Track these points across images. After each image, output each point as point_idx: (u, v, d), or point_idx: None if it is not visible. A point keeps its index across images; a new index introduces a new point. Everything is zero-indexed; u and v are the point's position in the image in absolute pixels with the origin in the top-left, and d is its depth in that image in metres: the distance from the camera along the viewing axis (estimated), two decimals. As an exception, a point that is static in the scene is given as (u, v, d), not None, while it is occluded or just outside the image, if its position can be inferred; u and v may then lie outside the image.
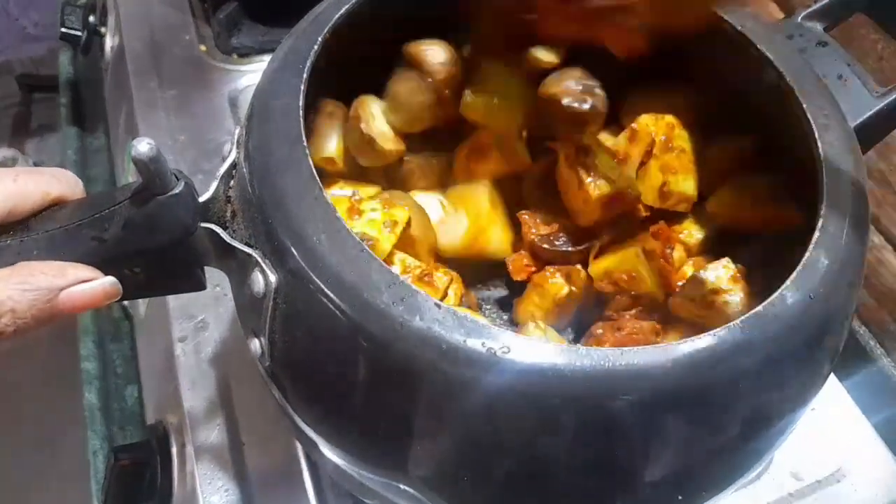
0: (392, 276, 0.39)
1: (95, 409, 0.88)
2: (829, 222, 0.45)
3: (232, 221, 0.47)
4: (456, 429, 0.40)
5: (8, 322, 0.39)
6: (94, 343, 0.94)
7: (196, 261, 0.47)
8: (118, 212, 0.43)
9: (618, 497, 0.43)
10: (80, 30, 1.16)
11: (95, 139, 1.23)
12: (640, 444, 0.40)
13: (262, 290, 0.43)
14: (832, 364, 0.47)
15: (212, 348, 0.74)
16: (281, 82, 0.48)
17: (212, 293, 0.77)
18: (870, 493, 0.70)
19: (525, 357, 0.37)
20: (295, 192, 0.42)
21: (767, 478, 0.70)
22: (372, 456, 0.46)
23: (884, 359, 0.81)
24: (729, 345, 0.39)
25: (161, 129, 0.93)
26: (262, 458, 0.67)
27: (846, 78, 0.55)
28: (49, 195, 0.44)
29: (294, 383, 0.47)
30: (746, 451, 0.46)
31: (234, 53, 1.06)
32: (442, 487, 0.44)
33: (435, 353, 0.38)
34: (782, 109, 0.52)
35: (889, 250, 0.80)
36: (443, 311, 0.38)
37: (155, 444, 0.71)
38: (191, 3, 1.13)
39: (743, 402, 0.41)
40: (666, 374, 0.38)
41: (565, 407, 0.38)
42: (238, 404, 0.70)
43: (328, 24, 0.51)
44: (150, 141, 0.39)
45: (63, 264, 0.42)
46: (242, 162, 0.46)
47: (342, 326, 0.39)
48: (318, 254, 0.40)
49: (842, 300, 0.44)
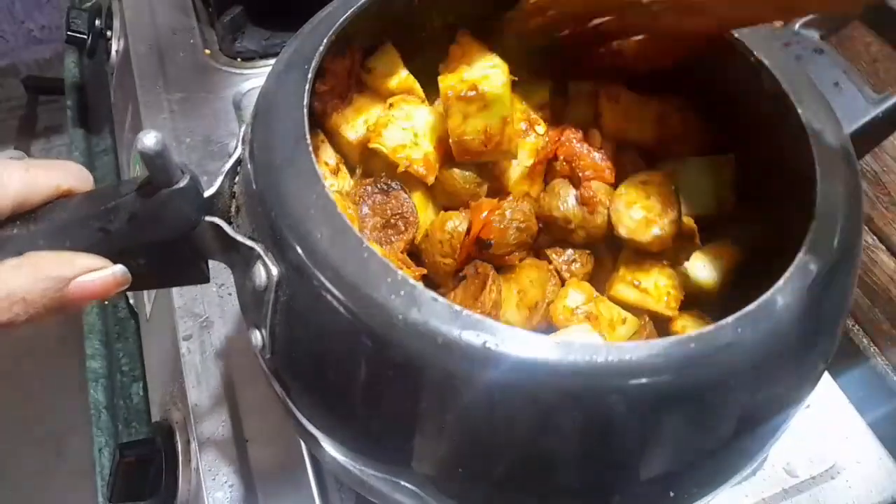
0: (391, 270, 0.40)
1: (101, 406, 0.89)
2: (823, 224, 0.45)
3: (236, 216, 0.48)
4: (453, 423, 0.41)
5: (20, 311, 0.39)
6: (100, 341, 0.95)
7: (200, 254, 0.48)
8: (124, 204, 0.44)
9: (610, 491, 0.43)
10: (86, 33, 1.17)
11: (101, 141, 1.24)
12: (632, 439, 0.41)
13: (264, 282, 0.44)
14: (826, 363, 0.47)
15: (216, 346, 0.75)
16: (286, 82, 0.49)
17: (216, 292, 0.78)
18: (863, 489, 0.71)
19: (519, 351, 0.38)
20: (297, 187, 0.43)
21: (762, 474, 0.71)
22: (371, 450, 0.46)
23: (877, 357, 0.81)
24: (722, 343, 0.39)
25: (166, 131, 0.94)
26: (265, 454, 0.68)
27: (842, 84, 0.56)
28: (60, 187, 0.45)
29: (294, 376, 0.47)
30: (739, 449, 0.46)
31: (238, 57, 1.07)
32: (441, 482, 0.45)
33: (431, 346, 0.38)
34: (778, 116, 0.52)
35: (882, 250, 0.81)
36: (440, 305, 0.39)
37: (160, 441, 0.72)
38: (195, 8, 1.14)
39: (736, 400, 0.42)
40: (660, 369, 0.38)
41: (559, 401, 0.39)
42: (242, 401, 0.71)
43: (333, 27, 0.52)
44: (157, 134, 0.40)
45: (72, 254, 0.43)
46: (247, 158, 0.47)
47: (341, 319, 0.40)
48: (318, 248, 0.41)
49: (836, 300, 0.45)
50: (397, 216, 0.59)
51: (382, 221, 0.59)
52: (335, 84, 0.59)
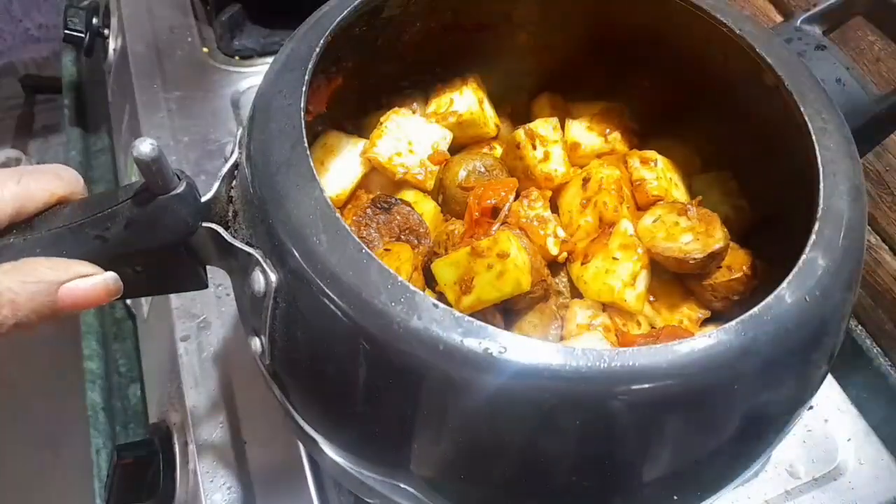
0: (391, 276, 0.39)
1: (99, 407, 0.88)
2: (826, 224, 0.45)
3: (233, 221, 0.47)
4: (453, 428, 0.40)
5: (7, 314, 0.39)
6: (98, 342, 0.95)
7: (198, 260, 0.48)
8: (120, 211, 0.43)
9: (614, 496, 0.43)
10: (84, 32, 1.17)
11: (98, 140, 1.23)
12: (636, 444, 0.40)
13: (263, 289, 0.43)
14: (829, 364, 0.47)
15: (214, 347, 0.75)
16: (282, 84, 0.49)
17: (214, 293, 0.78)
18: (866, 490, 0.71)
19: (521, 357, 0.37)
20: (295, 192, 0.43)
21: (765, 476, 0.71)
22: (371, 454, 0.46)
23: (880, 358, 0.81)
24: (726, 346, 0.39)
25: (164, 130, 0.94)
26: (264, 456, 0.68)
27: (845, 81, 0.55)
28: (54, 195, 0.44)
29: (294, 381, 0.47)
30: (743, 451, 0.46)
31: (236, 56, 1.06)
32: (441, 486, 0.44)
33: (432, 352, 0.38)
34: (781, 113, 0.52)
35: (886, 250, 0.80)
36: (440, 311, 0.38)
37: (158, 443, 0.72)
38: (193, 6, 1.13)
39: (740, 402, 0.41)
40: (663, 375, 0.38)
41: (562, 407, 0.38)
42: (240, 403, 0.71)
43: (330, 27, 0.51)
44: (153, 141, 0.40)
45: (65, 260, 0.42)
46: (244, 162, 0.47)
47: (341, 326, 0.40)
48: (317, 254, 0.40)
49: (839, 301, 0.44)
50: (406, 231, 0.58)
51: (393, 241, 0.58)
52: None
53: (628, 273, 0.56)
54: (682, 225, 0.57)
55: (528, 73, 0.71)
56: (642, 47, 0.63)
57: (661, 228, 0.57)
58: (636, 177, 0.62)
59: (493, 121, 0.68)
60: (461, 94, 0.66)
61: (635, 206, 0.62)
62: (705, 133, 0.66)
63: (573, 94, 0.70)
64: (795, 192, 0.51)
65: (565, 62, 0.69)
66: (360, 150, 0.63)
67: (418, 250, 0.58)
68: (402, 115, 0.63)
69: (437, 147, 0.63)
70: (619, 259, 0.57)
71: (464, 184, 0.62)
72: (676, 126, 0.67)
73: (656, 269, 0.58)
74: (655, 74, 0.66)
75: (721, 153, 0.65)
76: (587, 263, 0.58)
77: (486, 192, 0.59)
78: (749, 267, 0.57)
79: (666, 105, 0.67)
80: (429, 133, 0.64)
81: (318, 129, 0.64)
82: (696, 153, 0.67)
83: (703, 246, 0.55)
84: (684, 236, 0.56)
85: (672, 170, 0.64)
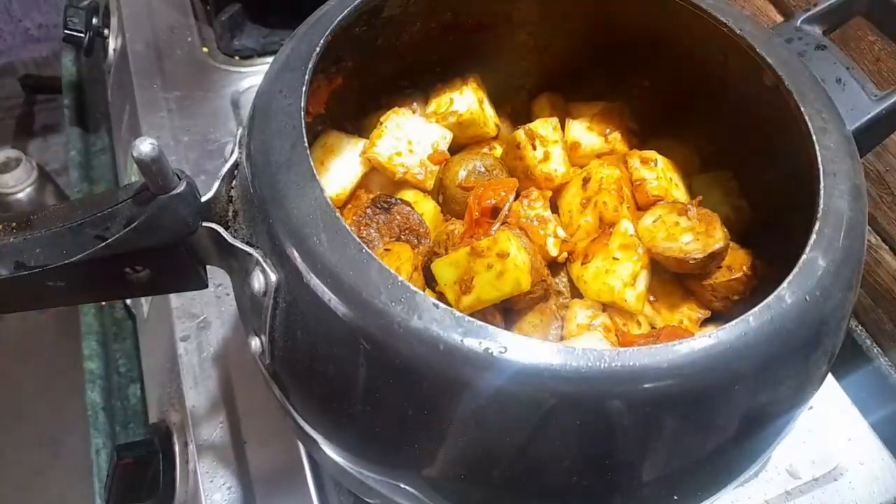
0: (391, 276, 0.39)
1: (98, 407, 0.88)
2: (826, 224, 0.45)
3: (233, 221, 0.47)
4: (456, 428, 0.40)
5: None
6: (98, 342, 0.95)
7: (198, 260, 0.48)
8: (120, 211, 0.43)
9: (614, 496, 0.43)
10: (83, 31, 1.16)
11: (98, 140, 1.23)
12: (636, 444, 0.40)
13: (263, 288, 0.43)
14: (829, 364, 0.47)
15: (214, 347, 0.75)
16: (282, 84, 0.49)
17: (214, 293, 0.78)
18: (867, 490, 0.71)
19: (522, 357, 0.37)
20: (295, 192, 0.43)
21: (765, 476, 0.71)
22: (371, 454, 0.46)
23: (880, 358, 0.81)
24: (726, 346, 0.39)
25: (164, 129, 0.94)
26: (264, 456, 0.68)
27: (845, 81, 0.55)
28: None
29: (294, 381, 0.47)
30: (743, 451, 0.46)
31: (236, 55, 1.06)
32: (441, 486, 0.44)
33: (433, 352, 0.38)
34: (781, 112, 0.52)
35: (886, 250, 0.80)
36: (441, 311, 0.38)
37: (158, 443, 0.72)
38: (193, 6, 1.13)
39: (740, 402, 0.41)
40: (663, 375, 0.38)
41: (562, 407, 0.38)
42: (240, 403, 0.71)
43: (330, 27, 0.51)
44: (153, 141, 0.40)
45: None
46: (244, 162, 0.47)
47: (341, 326, 0.40)
48: (317, 254, 0.40)
49: (839, 301, 0.44)
50: (406, 231, 0.58)
51: (393, 241, 0.58)
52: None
53: (628, 273, 0.56)
54: (682, 225, 0.57)
55: (528, 73, 0.71)
56: (642, 47, 0.63)
57: (661, 228, 0.57)
58: (636, 177, 0.62)
59: (493, 121, 0.68)
60: (461, 94, 0.66)
61: (635, 206, 0.62)
62: (705, 133, 0.66)
63: (573, 94, 0.70)
64: (795, 192, 0.51)
65: (565, 62, 0.69)
66: (360, 149, 0.63)
67: (418, 250, 0.58)
68: (402, 114, 0.63)
69: (437, 147, 0.63)
70: (620, 259, 0.57)
71: (464, 184, 0.62)
72: (676, 126, 0.67)
73: (656, 269, 0.58)
74: (655, 74, 0.66)
75: (721, 153, 0.65)
76: (587, 263, 0.58)
77: (486, 192, 0.59)
78: (749, 267, 0.57)
79: (666, 105, 0.67)
80: (429, 133, 0.64)
81: (318, 129, 0.64)
82: (696, 153, 0.67)
83: (704, 246, 0.55)
84: (684, 236, 0.56)
85: (672, 170, 0.64)
